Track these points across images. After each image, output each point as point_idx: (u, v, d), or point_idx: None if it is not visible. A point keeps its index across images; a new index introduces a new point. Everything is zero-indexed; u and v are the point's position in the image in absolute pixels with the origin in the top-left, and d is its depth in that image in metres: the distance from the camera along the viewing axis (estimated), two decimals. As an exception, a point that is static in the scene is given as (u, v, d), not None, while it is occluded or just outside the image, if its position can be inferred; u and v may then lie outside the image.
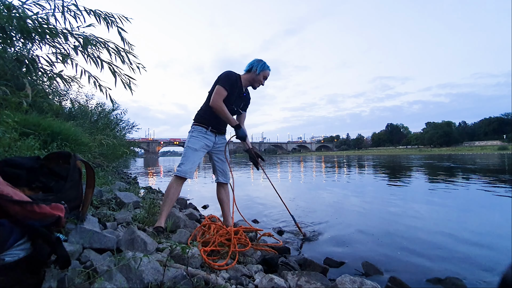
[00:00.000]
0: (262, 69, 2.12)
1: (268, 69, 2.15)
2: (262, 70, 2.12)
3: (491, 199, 3.95)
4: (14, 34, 2.98)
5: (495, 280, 1.49)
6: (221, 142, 2.19)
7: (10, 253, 0.77)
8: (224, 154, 2.21)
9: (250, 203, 3.84)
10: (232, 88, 2.02)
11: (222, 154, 2.20)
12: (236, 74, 2.10)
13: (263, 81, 2.16)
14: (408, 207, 3.51)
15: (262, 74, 2.12)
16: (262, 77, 2.13)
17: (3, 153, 2.28)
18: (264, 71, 2.13)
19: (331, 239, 2.25)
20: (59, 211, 0.94)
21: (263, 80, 2.16)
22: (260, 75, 2.12)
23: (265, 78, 2.16)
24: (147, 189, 4.54)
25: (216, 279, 1.17)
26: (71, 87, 5.67)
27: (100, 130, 7.21)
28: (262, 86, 2.19)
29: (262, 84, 2.17)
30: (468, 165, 12.13)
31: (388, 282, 1.43)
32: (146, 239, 1.33)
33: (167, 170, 13.21)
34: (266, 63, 2.15)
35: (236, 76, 2.08)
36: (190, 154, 2.01)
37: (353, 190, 5.22)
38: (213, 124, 2.08)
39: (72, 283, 0.88)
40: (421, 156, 25.13)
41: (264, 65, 2.13)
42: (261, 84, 2.17)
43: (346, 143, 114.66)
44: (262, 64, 2.12)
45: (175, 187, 1.96)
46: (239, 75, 2.12)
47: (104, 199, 2.46)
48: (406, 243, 2.14)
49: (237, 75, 2.10)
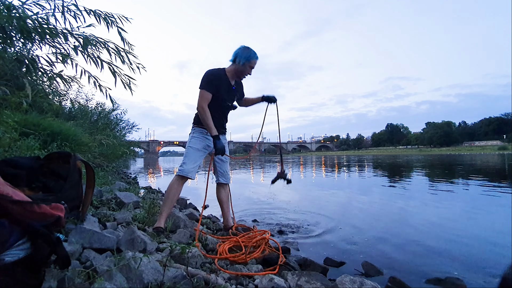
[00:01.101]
0: (246, 59, 1.93)
1: (254, 58, 1.95)
2: (247, 61, 1.93)
3: (491, 200, 3.95)
4: (14, 34, 2.98)
5: (495, 280, 1.49)
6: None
7: (10, 253, 0.77)
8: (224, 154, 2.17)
9: (251, 203, 3.83)
10: (216, 86, 1.92)
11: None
12: (218, 70, 1.98)
13: (249, 71, 1.99)
14: (408, 207, 3.51)
15: (247, 65, 1.95)
16: (248, 68, 1.96)
17: (3, 153, 2.28)
18: (250, 61, 1.94)
19: (331, 239, 2.25)
20: (59, 211, 0.94)
21: (250, 70, 1.98)
22: (245, 65, 1.94)
23: (251, 68, 1.98)
24: (147, 189, 4.54)
25: (216, 279, 1.17)
26: (71, 87, 5.67)
27: (100, 130, 7.20)
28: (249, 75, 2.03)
29: (249, 74, 2.01)
30: (467, 163, 12.13)
31: (388, 282, 1.43)
32: (146, 239, 1.33)
33: (167, 170, 13.20)
34: (253, 50, 1.95)
35: (219, 72, 1.96)
36: (191, 153, 1.98)
37: (354, 191, 5.22)
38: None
39: (72, 283, 0.88)
40: (422, 157, 25.09)
41: (249, 55, 1.93)
42: (248, 74, 2.01)
43: (346, 143, 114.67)
44: (247, 53, 1.93)
45: (176, 187, 1.94)
46: (223, 69, 2.00)
47: (104, 199, 2.46)
48: (406, 243, 2.14)
49: (220, 71, 1.97)
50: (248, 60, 1.94)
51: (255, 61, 1.98)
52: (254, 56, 1.96)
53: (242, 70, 1.97)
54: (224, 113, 2.09)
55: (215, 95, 1.93)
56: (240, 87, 2.15)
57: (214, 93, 1.92)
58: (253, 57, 1.95)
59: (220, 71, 1.98)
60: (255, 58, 1.97)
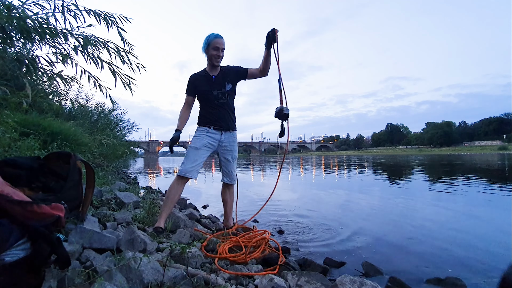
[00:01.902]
0: (204, 45, 1.97)
1: (214, 37, 1.94)
2: (206, 46, 1.96)
3: (491, 199, 3.95)
4: (14, 34, 2.98)
5: (495, 280, 1.49)
6: (228, 141, 2.07)
7: (10, 253, 0.77)
8: (232, 154, 2.10)
9: (251, 203, 3.83)
10: (194, 87, 2.03)
11: (228, 154, 2.09)
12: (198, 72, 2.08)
13: (216, 53, 1.96)
14: (409, 208, 3.51)
15: (209, 49, 1.95)
16: (211, 50, 1.95)
17: (3, 153, 2.28)
18: (209, 45, 1.95)
19: (331, 239, 2.25)
20: (59, 211, 0.94)
21: (216, 52, 1.95)
22: (208, 51, 1.96)
23: (216, 49, 1.95)
24: (147, 189, 4.54)
25: (216, 279, 1.17)
26: (71, 87, 5.67)
27: (100, 130, 7.20)
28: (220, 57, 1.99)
29: (218, 56, 1.97)
30: (467, 163, 12.13)
31: (388, 282, 1.43)
32: (146, 239, 1.33)
33: (167, 170, 13.20)
34: (212, 33, 1.96)
35: (198, 73, 2.06)
36: (190, 153, 1.97)
37: (354, 191, 5.22)
38: (214, 121, 2.02)
39: (72, 283, 0.88)
40: (422, 157, 25.10)
41: (205, 41, 1.96)
42: (217, 56, 1.97)
43: (346, 143, 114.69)
44: (204, 41, 1.96)
45: (176, 187, 1.94)
46: (204, 69, 2.07)
47: (104, 199, 2.46)
48: (406, 243, 2.14)
49: (200, 71, 2.07)
50: (205, 45, 1.97)
51: (217, 40, 1.95)
52: (211, 37, 1.95)
53: (209, 56, 1.99)
54: (221, 106, 2.03)
55: (198, 94, 2.04)
56: (227, 72, 2.06)
57: (194, 94, 2.05)
58: (211, 38, 1.94)
59: (200, 71, 2.08)
60: (214, 38, 1.95)
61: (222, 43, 1.96)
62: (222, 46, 1.97)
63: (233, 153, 2.11)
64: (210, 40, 1.94)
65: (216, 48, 1.95)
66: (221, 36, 1.97)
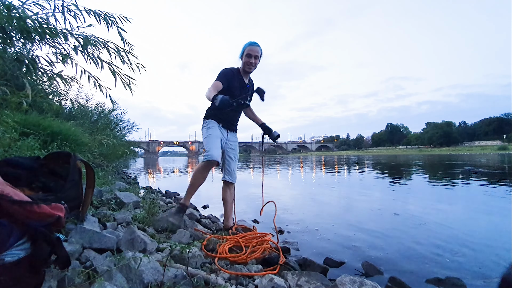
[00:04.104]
0: (242, 51, 2.01)
1: (248, 45, 1.99)
2: (242, 52, 2.00)
3: (492, 199, 3.95)
4: (14, 34, 2.98)
5: (495, 280, 1.49)
6: (232, 140, 2.18)
7: (10, 253, 0.77)
8: (234, 153, 2.19)
9: (251, 203, 3.83)
10: (230, 80, 2.00)
11: (232, 152, 2.17)
12: (232, 68, 2.08)
13: (248, 60, 2.00)
14: (409, 208, 3.51)
15: (244, 55, 2.00)
16: (246, 58, 1.99)
17: (3, 153, 2.27)
18: (244, 50, 1.99)
19: (331, 239, 2.25)
20: (59, 211, 0.94)
21: (249, 59, 2.00)
22: (243, 57, 2.01)
23: (249, 56, 1.99)
24: (147, 189, 4.53)
25: (216, 279, 1.17)
26: (71, 87, 5.66)
27: (100, 130, 7.19)
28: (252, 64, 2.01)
29: (250, 63, 2.01)
30: (467, 163, 12.13)
31: (388, 282, 1.43)
32: (146, 239, 1.33)
33: (167, 170, 13.20)
34: (250, 41, 2.01)
35: (233, 69, 2.06)
36: (213, 140, 1.99)
37: (354, 191, 5.22)
38: (223, 120, 2.09)
39: (72, 283, 0.88)
40: (422, 158, 25.09)
41: (244, 47, 2.00)
42: (249, 63, 2.01)
43: (346, 143, 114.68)
44: (243, 48, 2.01)
45: (203, 172, 1.98)
46: (238, 68, 2.09)
47: (104, 199, 2.46)
48: (406, 243, 2.14)
49: (234, 68, 2.08)
50: (242, 51, 2.00)
51: (250, 48, 1.99)
52: (246, 45, 1.99)
53: (244, 62, 2.02)
54: (237, 111, 2.16)
55: (227, 89, 1.95)
56: (252, 89, 2.16)
57: (225, 86, 1.95)
58: (246, 46, 1.99)
59: (234, 69, 2.07)
60: (249, 45, 1.99)
61: (255, 51, 2.00)
62: (255, 54, 2.01)
63: (235, 152, 2.20)
64: (245, 47, 2.00)
65: (249, 55, 1.99)
66: (257, 44, 2.01)
